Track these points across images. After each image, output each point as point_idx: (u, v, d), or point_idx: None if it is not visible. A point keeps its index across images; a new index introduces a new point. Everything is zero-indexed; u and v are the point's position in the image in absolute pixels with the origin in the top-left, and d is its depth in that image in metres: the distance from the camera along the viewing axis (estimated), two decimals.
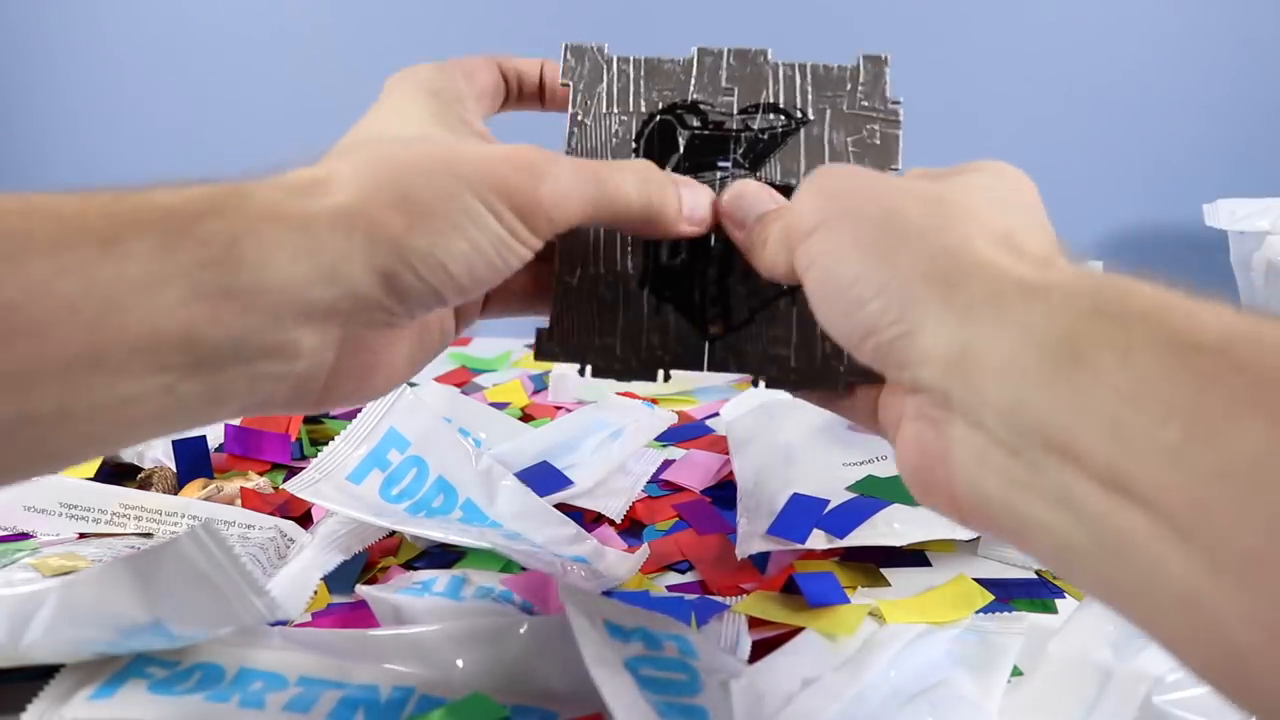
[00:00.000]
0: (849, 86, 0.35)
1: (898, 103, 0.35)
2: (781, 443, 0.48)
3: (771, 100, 0.35)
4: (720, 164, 0.34)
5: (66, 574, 0.36)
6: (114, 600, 0.30)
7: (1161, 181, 0.78)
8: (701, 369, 0.34)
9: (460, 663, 0.32)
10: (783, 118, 0.35)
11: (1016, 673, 0.34)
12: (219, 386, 0.25)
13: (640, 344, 0.34)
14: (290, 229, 0.26)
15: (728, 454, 0.51)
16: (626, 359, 0.34)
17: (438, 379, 0.66)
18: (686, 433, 0.57)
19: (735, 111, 0.35)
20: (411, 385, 0.48)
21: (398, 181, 0.28)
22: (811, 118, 0.35)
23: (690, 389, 0.66)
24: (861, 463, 0.45)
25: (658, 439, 0.54)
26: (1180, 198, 0.76)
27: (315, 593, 0.38)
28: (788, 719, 0.29)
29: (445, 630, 0.32)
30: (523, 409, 0.62)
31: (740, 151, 0.34)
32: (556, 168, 0.29)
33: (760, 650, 0.34)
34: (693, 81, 0.35)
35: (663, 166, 0.34)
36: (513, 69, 0.36)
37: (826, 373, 0.33)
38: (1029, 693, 0.33)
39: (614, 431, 0.53)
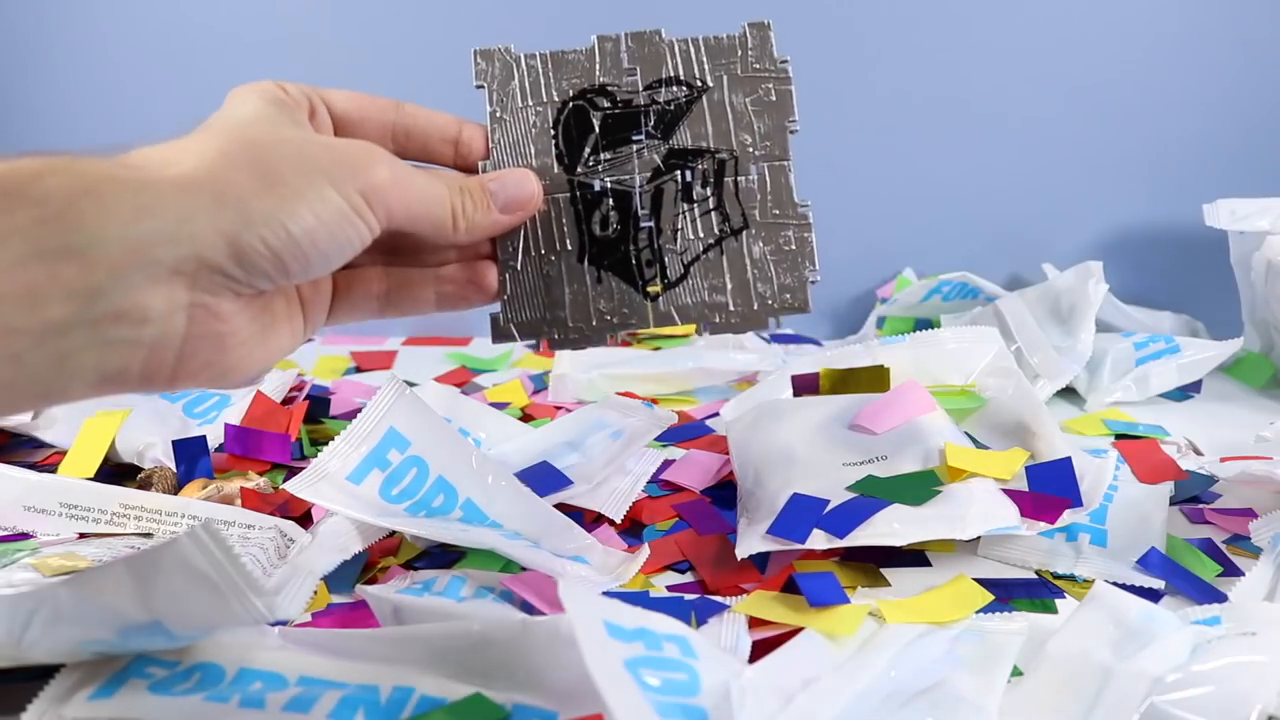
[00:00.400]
0: (740, 53, 0.38)
1: (785, 61, 0.38)
2: (781, 443, 0.48)
3: (672, 74, 0.38)
4: (634, 138, 0.38)
5: (66, 574, 0.36)
6: (114, 600, 0.30)
7: (1161, 181, 0.78)
8: (649, 326, 0.38)
9: (460, 663, 0.32)
10: (685, 88, 0.38)
11: (1016, 673, 0.34)
12: (67, 354, 0.26)
13: (589, 311, 0.38)
14: (133, 189, 0.26)
15: (728, 454, 0.51)
16: (579, 328, 0.38)
17: (438, 379, 0.66)
18: (686, 433, 0.57)
19: (641, 88, 0.38)
20: (411, 385, 0.48)
21: (247, 152, 0.29)
22: (710, 84, 0.38)
23: (690, 389, 0.66)
24: (861, 463, 0.45)
25: (658, 439, 0.54)
26: (1180, 198, 0.76)
27: (315, 593, 0.38)
28: (788, 719, 0.29)
29: (445, 630, 0.32)
30: (523, 409, 0.62)
31: (651, 124, 0.38)
32: (392, 164, 0.32)
33: (760, 650, 0.34)
34: (597, 67, 0.38)
35: (581, 147, 0.38)
36: (420, 116, 0.38)
37: (762, 311, 0.37)
38: (1029, 693, 0.32)
39: (614, 431, 0.53)
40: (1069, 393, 0.65)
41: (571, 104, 0.38)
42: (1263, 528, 0.42)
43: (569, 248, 0.38)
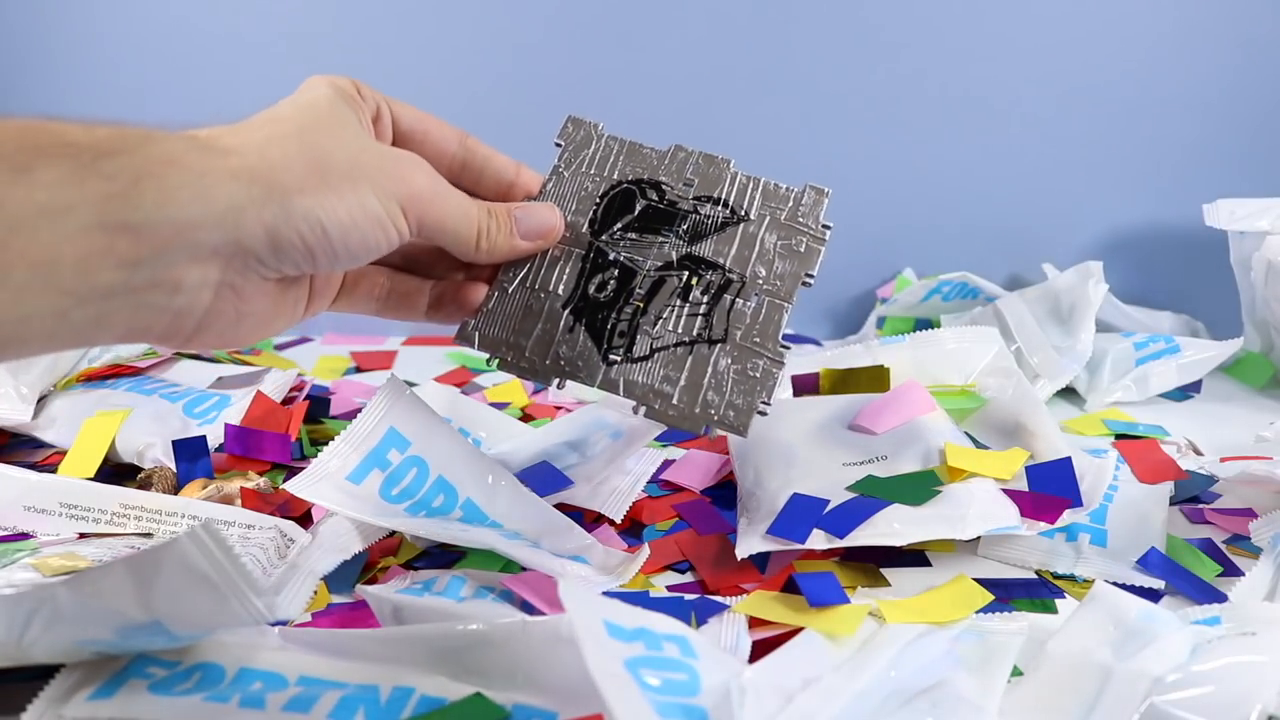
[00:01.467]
0: (790, 204, 0.41)
1: (828, 227, 0.41)
2: (781, 443, 0.48)
3: (723, 197, 0.41)
4: (664, 231, 0.41)
5: (66, 574, 0.36)
6: (114, 600, 0.30)
7: (1161, 181, 0.78)
8: (594, 384, 0.40)
9: (460, 663, 0.32)
10: (728, 211, 0.41)
11: (1016, 673, 0.34)
12: (106, 314, 0.28)
13: (548, 352, 0.40)
14: (191, 174, 0.28)
15: (728, 454, 0.51)
16: (533, 360, 0.40)
17: (438, 379, 0.66)
18: (687, 433, 0.57)
19: (691, 197, 0.41)
20: (411, 385, 0.48)
21: (304, 148, 0.31)
22: (752, 218, 0.41)
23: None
24: (861, 463, 0.45)
25: (658, 439, 0.54)
26: (1180, 198, 0.76)
27: (315, 593, 0.38)
28: (788, 719, 0.29)
29: (445, 630, 0.32)
30: (523, 409, 0.62)
31: (684, 227, 0.41)
32: (430, 174, 0.35)
33: (760, 650, 0.34)
34: (662, 168, 0.42)
35: (615, 221, 0.41)
36: (481, 152, 0.40)
37: (698, 417, 0.39)
38: (1029, 693, 0.32)
39: (614, 431, 0.53)
40: (1069, 393, 0.65)
41: (625, 185, 0.41)
42: (1263, 528, 0.42)
43: (560, 293, 0.40)
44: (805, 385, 0.56)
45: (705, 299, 0.39)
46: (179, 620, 0.30)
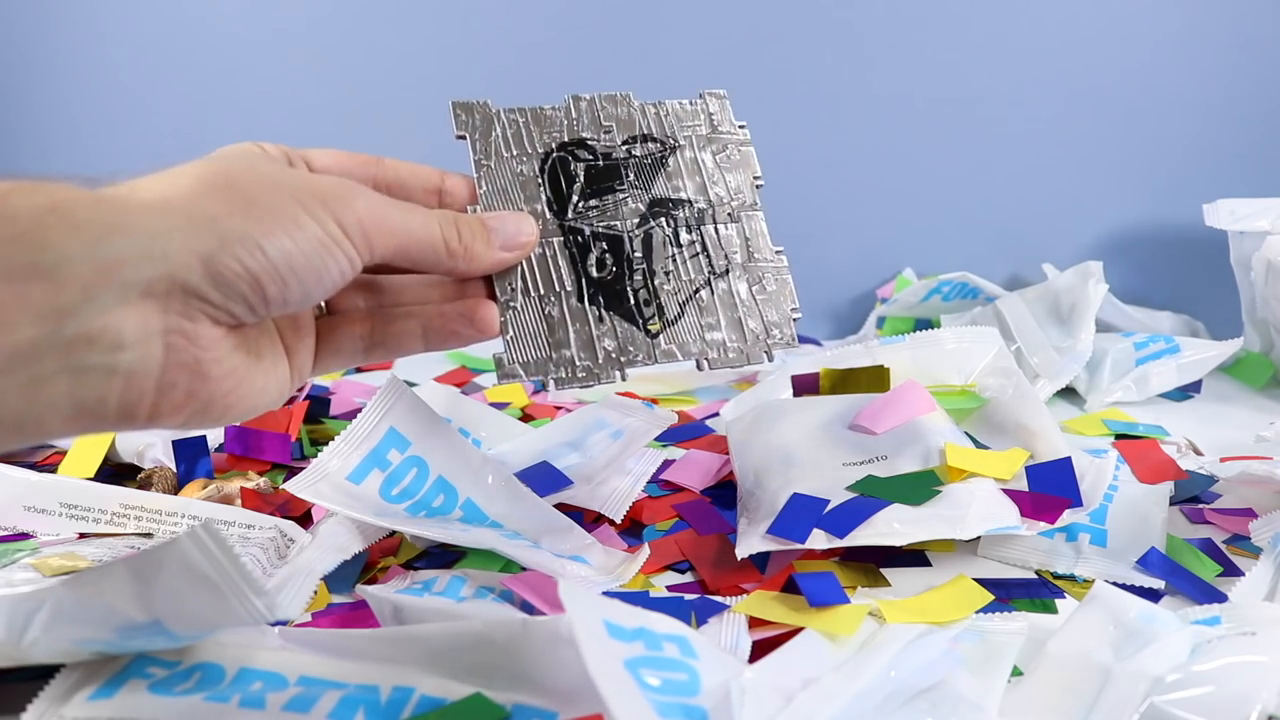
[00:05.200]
0: (701, 118, 0.42)
1: (743, 126, 0.43)
2: (781, 443, 0.48)
3: (645, 132, 0.41)
4: (618, 187, 0.41)
5: (66, 574, 0.36)
6: (114, 600, 0.30)
7: (1161, 181, 0.78)
8: (655, 361, 0.39)
9: (460, 663, 0.32)
10: (658, 144, 0.42)
11: (1016, 673, 0.34)
12: (39, 381, 0.24)
13: (596, 351, 0.39)
14: (105, 207, 0.25)
15: (728, 454, 0.51)
16: (587, 367, 0.39)
17: (438, 379, 0.66)
18: (686, 433, 0.57)
19: (619, 144, 0.41)
20: (411, 385, 0.48)
21: (222, 180, 0.29)
22: (681, 143, 0.42)
23: (690, 389, 0.66)
24: (861, 463, 0.45)
25: (658, 439, 0.54)
26: (1180, 198, 0.76)
27: (315, 593, 0.38)
28: (788, 719, 0.29)
29: (445, 630, 0.32)
30: (523, 409, 0.62)
31: (632, 176, 0.41)
32: (370, 200, 0.32)
33: (760, 650, 0.34)
34: (576, 123, 0.41)
35: (568, 197, 0.40)
36: (403, 169, 0.38)
37: (755, 349, 0.40)
38: (1029, 693, 0.32)
39: (614, 431, 0.53)
40: (1069, 393, 0.65)
41: (555, 155, 0.40)
42: (1263, 528, 0.42)
43: (568, 288, 0.39)
44: (805, 385, 0.56)
45: (694, 236, 0.40)
46: (179, 620, 0.30)
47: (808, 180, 0.78)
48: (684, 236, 0.40)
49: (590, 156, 0.40)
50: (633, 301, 0.39)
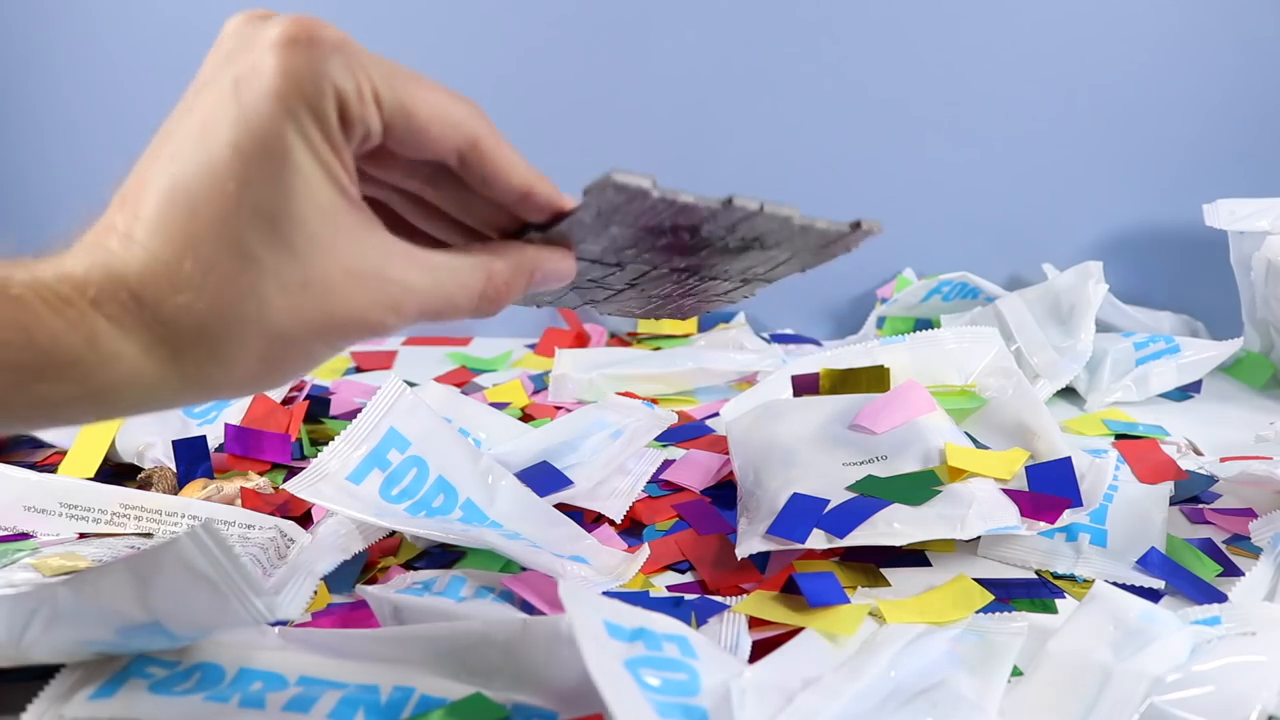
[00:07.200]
0: (827, 241, 0.33)
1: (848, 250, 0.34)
2: (781, 443, 0.48)
3: (760, 236, 0.32)
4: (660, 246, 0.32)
5: (66, 574, 0.36)
6: (114, 600, 0.30)
7: (1161, 181, 0.78)
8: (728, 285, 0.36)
9: (460, 663, 0.32)
10: (757, 244, 0.32)
11: (1016, 673, 0.34)
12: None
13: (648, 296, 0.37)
14: (124, 397, 0.24)
15: (728, 454, 0.51)
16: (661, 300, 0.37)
17: (438, 379, 0.66)
18: (686, 433, 0.57)
19: (724, 234, 0.31)
20: (411, 385, 0.48)
21: (258, 340, 0.24)
22: (772, 249, 0.33)
23: (690, 389, 0.66)
24: (861, 463, 0.45)
25: (658, 439, 0.54)
26: (1180, 198, 0.76)
27: (315, 593, 0.38)
28: (788, 719, 0.29)
29: (445, 630, 0.32)
30: (523, 409, 0.62)
31: (704, 253, 0.33)
32: (405, 311, 0.26)
33: (760, 650, 0.34)
34: (710, 219, 0.30)
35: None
36: (483, 173, 0.28)
37: (837, 226, 0.32)
38: (1029, 693, 0.32)
39: (614, 431, 0.53)
40: (1069, 393, 0.65)
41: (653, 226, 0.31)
42: (1263, 528, 0.42)
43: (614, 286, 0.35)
44: (805, 385, 0.56)
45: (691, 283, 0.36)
46: (179, 620, 0.30)
47: (808, 180, 0.78)
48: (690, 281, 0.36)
49: (688, 236, 0.31)
50: (684, 266, 0.34)
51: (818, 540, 0.40)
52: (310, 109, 0.24)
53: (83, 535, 0.44)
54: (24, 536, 0.43)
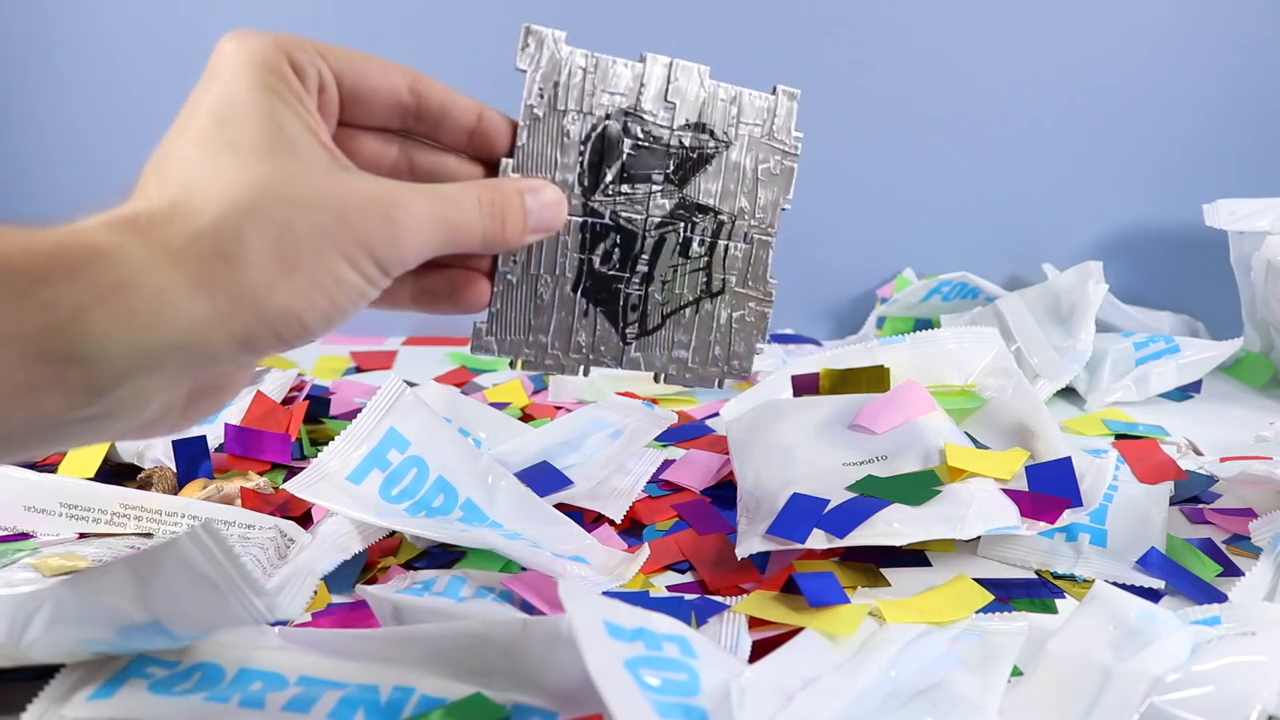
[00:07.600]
0: (766, 118, 0.38)
1: (799, 137, 0.39)
2: (781, 443, 0.48)
3: (706, 122, 0.37)
4: (655, 178, 0.37)
5: (66, 574, 0.36)
6: (114, 600, 0.30)
7: (1161, 181, 0.78)
8: (619, 366, 0.39)
9: (460, 663, 0.32)
10: (710, 138, 0.38)
11: (1016, 673, 0.34)
12: (60, 436, 0.25)
13: (569, 342, 0.38)
14: (144, 298, 0.25)
15: (728, 454, 0.51)
16: (556, 355, 0.38)
17: (438, 379, 0.66)
18: (686, 433, 0.57)
19: (674, 126, 0.37)
20: (411, 385, 0.48)
21: (258, 217, 0.27)
22: (734, 141, 0.38)
23: (690, 389, 0.66)
24: (861, 463, 0.45)
25: (658, 439, 0.54)
26: (1180, 198, 0.76)
27: (315, 593, 0.38)
28: (788, 719, 0.29)
29: (445, 630, 0.32)
30: (523, 409, 0.62)
31: (672, 167, 0.38)
32: (412, 218, 0.29)
33: (760, 650, 0.34)
34: (642, 90, 0.36)
35: (604, 170, 0.37)
36: (436, 99, 0.33)
37: (711, 374, 0.39)
38: (1029, 693, 0.32)
39: (614, 431, 0.53)
40: (1069, 393, 0.65)
41: (608, 123, 0.36)
42: (1263, 528, 0.42)
43: (568, 275, 0.37)
44: (805, 385, 0.56)
45: (704, 251, 0.38)
46: (179, 620, 0.30)
47: (808, 180, 0.78)
48: (694, 249, 0.38)
49: (641, 136, 0.37)
50: (621, 303, 0.38)
51: (818, 540, 0.40)
52: (264, 65, 0.29)
53: (83, 535, 0.44)
54: (24, 536, 0.43)
